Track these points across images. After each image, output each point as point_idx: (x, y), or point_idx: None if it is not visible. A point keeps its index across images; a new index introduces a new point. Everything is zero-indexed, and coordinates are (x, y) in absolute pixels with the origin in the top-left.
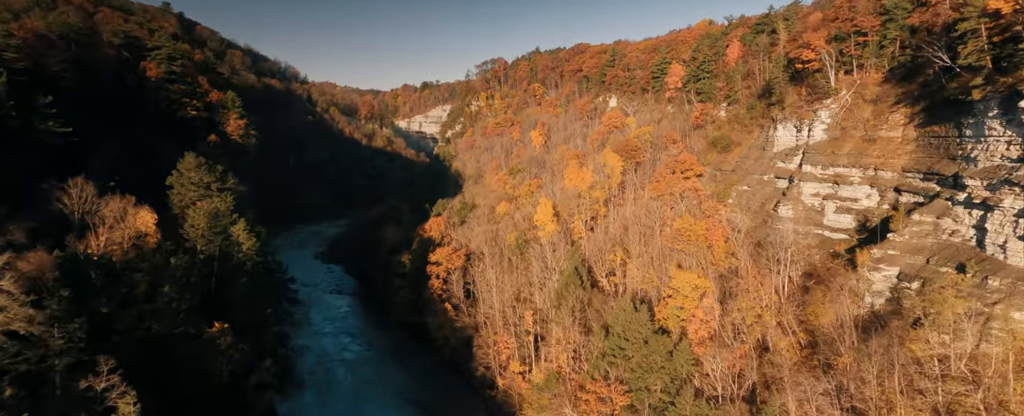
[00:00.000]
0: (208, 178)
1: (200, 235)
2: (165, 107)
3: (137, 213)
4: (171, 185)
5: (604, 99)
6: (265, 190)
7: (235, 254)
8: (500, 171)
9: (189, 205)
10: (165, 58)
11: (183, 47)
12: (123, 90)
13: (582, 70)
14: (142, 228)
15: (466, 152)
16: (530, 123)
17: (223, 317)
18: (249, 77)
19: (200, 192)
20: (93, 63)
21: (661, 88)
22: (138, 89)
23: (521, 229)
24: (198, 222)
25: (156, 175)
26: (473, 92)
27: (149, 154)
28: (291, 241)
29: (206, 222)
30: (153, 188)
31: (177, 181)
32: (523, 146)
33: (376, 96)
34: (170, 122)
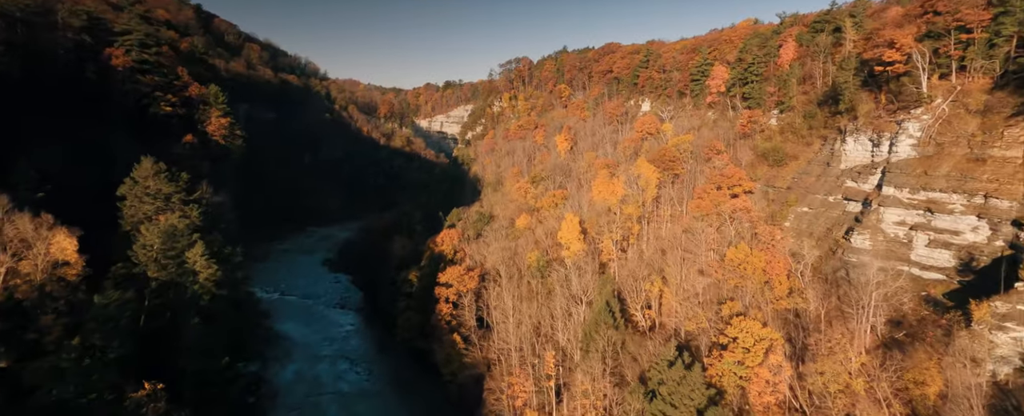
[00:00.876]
0: (168, 188)
1: (152, 259)
2: (135, 102)
3: (52, 236)
4: (124, 196)
5: (636, 103)
6: (277, 189)
7: (189, 285)
8: (521, 178)
9: (144, 220)
10: (135, 44)
11: (169, 33)
12: (81, 81)
13: (612, 71)
14: (59, 256)
15: (486, 155)
16: (555, 127)
17: (164, 370)
18: (265, 72)
19: (157, 205)
20: (43, 48)
21: (701, 92)
22: (101, 80)
23: (543, 247)
24: (151, 242)
25: (110, 183)
26: (496, 92)
27: (103, 158)
28: (300, 246)
29: (160, 243)
30: (104, 199)
31: (130, 191)
32: (547, 151)
33: (398, 95)
34: (139, 120)
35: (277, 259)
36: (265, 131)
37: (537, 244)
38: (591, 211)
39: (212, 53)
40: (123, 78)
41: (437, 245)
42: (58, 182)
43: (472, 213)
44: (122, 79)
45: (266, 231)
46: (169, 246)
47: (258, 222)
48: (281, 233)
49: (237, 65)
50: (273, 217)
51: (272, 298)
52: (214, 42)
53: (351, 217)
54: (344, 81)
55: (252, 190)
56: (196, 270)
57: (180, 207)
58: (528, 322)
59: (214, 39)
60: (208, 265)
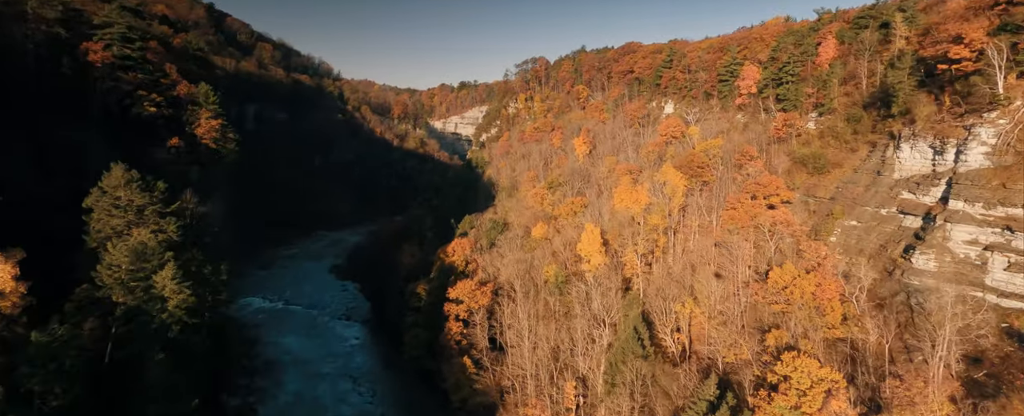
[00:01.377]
0: (141, 199)
1: (118, 281)
2: (116, 102)
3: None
4: (91, 208)
5: (659, 104)
6: (286, 192)
7: (155, 314)
8: (537, 183)
9: (112, 236)
10: (117, 38)
11: (161, 28)
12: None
13: (633, 71)
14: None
15: (501, 158)
16: (573, 129)
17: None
18: (277, 72)
19: (128, 219)
20: (10, 41)
21: (730, 93)
22: (77, 77)
23: (561, 260)
24: (118, 261)
25: (80, 192)
26: (511, 93)
27: (74, 164)
28: (308, 251)
29: (128, 262)
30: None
31: (98, 203)
32: (564, 155)
33: (412, 95)
34: (120, 122)
35: (284, 265)
36: (275, 132)
37: (555, 256)
38: (613, 221)
39: (223, 52)
40: (102, 75)
41: (447, 256)
42: (20, 191)
43: (486, 220)
44: (101, 76)
45: (274, 236)
46: (138, 266)
47: (266, 227)
48: (289, 238)
49: (248, 65)
50: (282, 221)
51: (275, 308)
52: (225, 41)
53: (362, 220)
54: (359, 82)
55: (260, 193)
56: (165, 296)
57: (155, 220)
58: (545, 345)
59: (225, 38)
60: (179, 290)
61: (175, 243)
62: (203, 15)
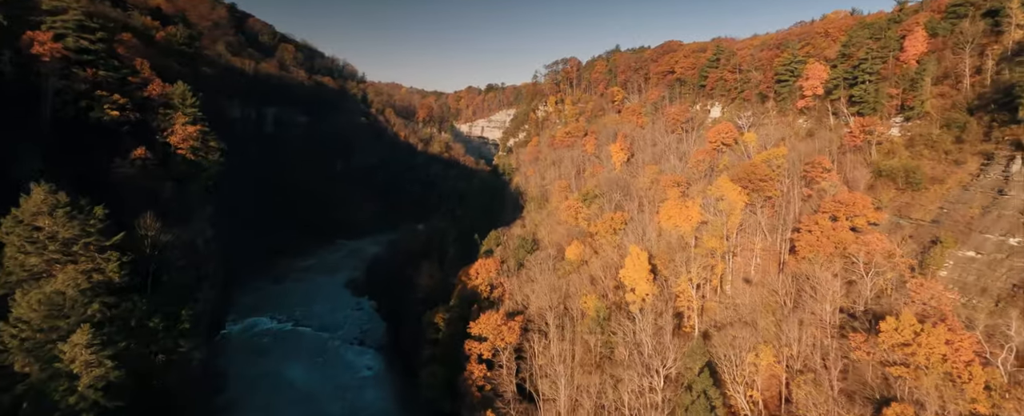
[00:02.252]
0: (69, 230)
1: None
2: (72, 103)
3: None
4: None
5: (703, 107)
6: (305, 199)
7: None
8: (570, 194)
9: (26, 281)
10: (72, 27)
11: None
12: None
13: (674, 72)
14: None
15: (529, 165)
16: (608, 134)
17: None
18: (298, 73)
19: (51, 256)
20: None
21: (790, 95)
22: (20, 74)
23: (601, 288)
24: (26, 316)
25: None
26: (540, 96)
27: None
28: (325, 262)
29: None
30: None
31: (9, 236)
32: (599, 163)
33: (438, 98)
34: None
35: (298, 278)
36: (295, 136)
37: (593, 283)
38: (660, 242)
39: (244, 53)
40: (50, 72)
41: (470, 279)
42: None
43: (513, 236)
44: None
45: (291, 245)
46: (50, 324)
47: (282, 236)
48: (307, 247)
49: (268, 66)
50: (299, 229)
51: (283, 329)
52: (246, 42)
53: (384, 228)
54: (385, 84)
55: (278, 199)
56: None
57: (89, 258)
58: (589, 402)
59: (247, 39)
60: (97, 361)
61: (116, 287)
62: (225, 15)
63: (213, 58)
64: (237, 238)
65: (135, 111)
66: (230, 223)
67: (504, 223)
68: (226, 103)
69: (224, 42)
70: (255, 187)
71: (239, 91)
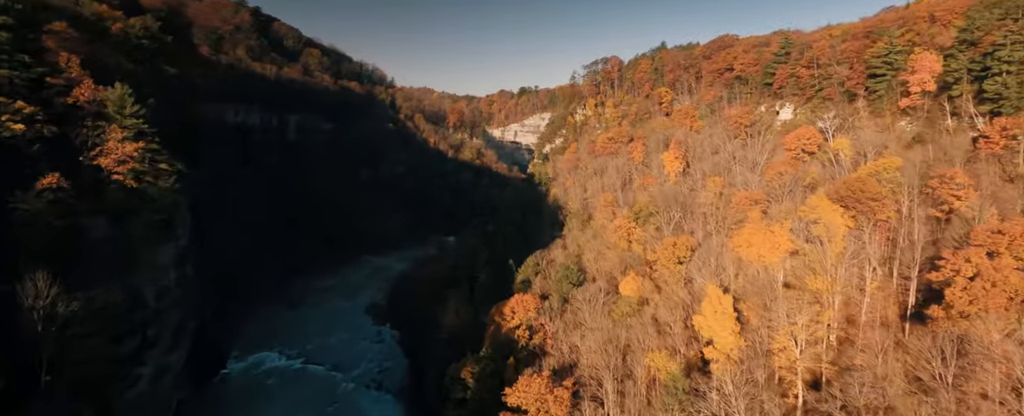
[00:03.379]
0: None
1: None
2: None
3: None
4: None
5: (770, 108)
6: (329, 211)
7: None
8: (618, 209)
9: None
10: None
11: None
12: None
13: (733, 69)
14: None
15: (568, 174)
16: (657, 140)
17: None
18: (323, 79)
19: None
20: None
21: (889, 92)
22: None
23: (671, 340)
24: None
25: None
26: (578, 98)
27: None
28: (346, 282)
29: None
30: None
31: None
32: (648, 172)
33: (470, 103)
34: None
35: (315, 303)
36: (319, 143)
37: (660, 333)
38: (740, 277)
39: (266, 58)
40: None
41: (504, 319)
42: None
43: (554, 263)
44: None
45: (311, 262)
46: None
47: (301, 253)
48: (328, 264)
49: (291, 71)
50: (321, 245)
51: (291, 368)
52: (269, 46)
53: (412, 242)
54: (416, 89)
55: (299, 212)
56: None
57: None
58: None
59: (270, 43)
60: None
61: None
62: (248, 19)
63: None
64: (252, 257)
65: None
66: (245, 241)
67: (542, 243)
68: (243, 110)
69: (245, 46)
70: (275, 199)
71: (259, 97)
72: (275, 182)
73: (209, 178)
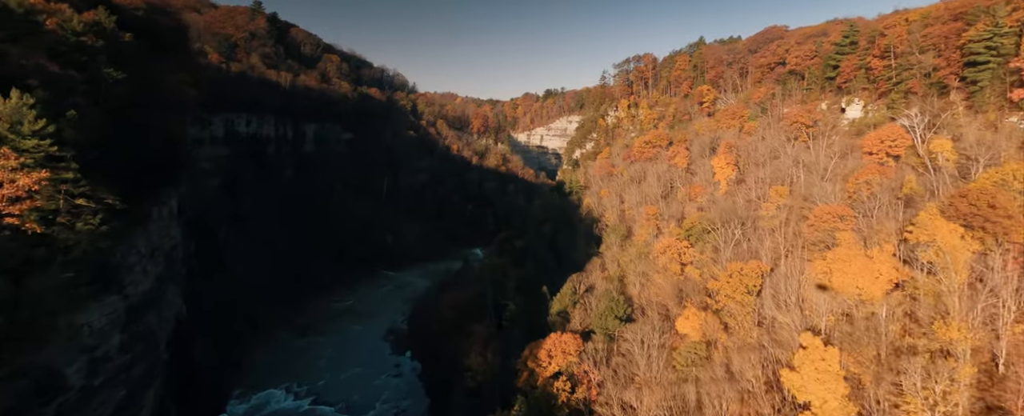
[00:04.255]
0: None
1: None
2: None
3: None
4: None
5: (833, 105)
6: (347, 225)
7: None
8: (663, 224)
9: None
10: None
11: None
12: None
13: (785, 62)
14: None
15: (602, 182)
16: (702, 144)
17: None
18: (341, 86)
19: None
20: None
21: (993, 83)
22: None
23: (751, 402)
24: None
25: None
26: (610, 100)
27: None
28: (365, 302)
29: None
30: None
31: None
32: (695, 180)
33: (494, 107)
34: None
35: (329, 328)
36: (337, 153)
37: (743, 397)
38: (834, 316)
39: (282, 66)
40: None
41: (540, 365)
42: None
43: (595, 290)
44: None
45: (327, 281)
46: None
47: (317, 270)
48: (346, 281)
49: (308, 79)
50: (338, 260)
51: (299, 410)
52: (285, 53)
53: (434, 255)
54: (440, 95)
55: (316, 227)
56: None
57: None
58: None
59: (287, 50)
60: None
61: None
62: (264, 25)
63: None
64: (263, 279)
65: None
66: (256, 261)
67: (576, 263)
68: (255, 120)
69: (260, 54)
70: (290, 214)
71: (273, 107)
72: (290, 195)
73: (216, 194)
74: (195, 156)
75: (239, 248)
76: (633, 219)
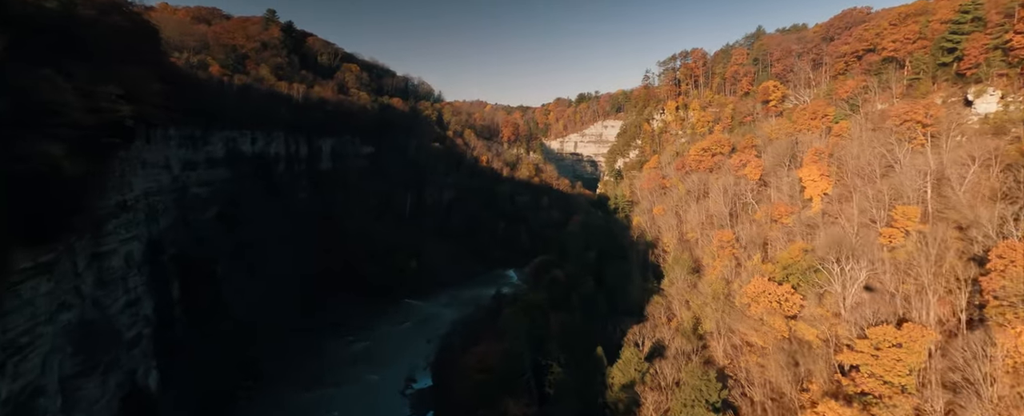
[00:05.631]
0: None
1: None
2: None
3: None
4: None
5: (950, 98)
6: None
7: None
8: (740, 252)
9: None
10: None
11: None
12: None
13: (875, 48)
14: None
15: (652, 197)
16: (779, 150)
17: None
18: (361, 96)
19: None
20: None
21: None
22: None
23: None
24: None
25: None
26: (655, 101)
27: None
28: (383, 343)
29: None
30: None
31: None
32: (774, 195)
33: (525, 113)
34: None
35: (341, 378)
36: (356, 169)
37: None
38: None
39: (295, 77)
40: None
41: None
42: None
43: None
44: None
45: (342, 316)
46: None
47: (332, 304)
48: (364, 315)
49: (323, 90)
50: (355, 293)
51: None
52: (300, 64)
53: (462, 278)
54: (468, 103)
55: (333, 253)
56: None
57: None
58: None
59: (301, 60)
60: None
61: None
62: (277, 34)
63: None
64: (270, 317)
65: None
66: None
67: (632, 304)
68: (262, 137)
69: (272, 65)
70: (302, 240)
71: (283, 121)
72: (302, 219)
73: (213, 224)
74: (185, 182)
75: (241, 285)
76: (699, 245)
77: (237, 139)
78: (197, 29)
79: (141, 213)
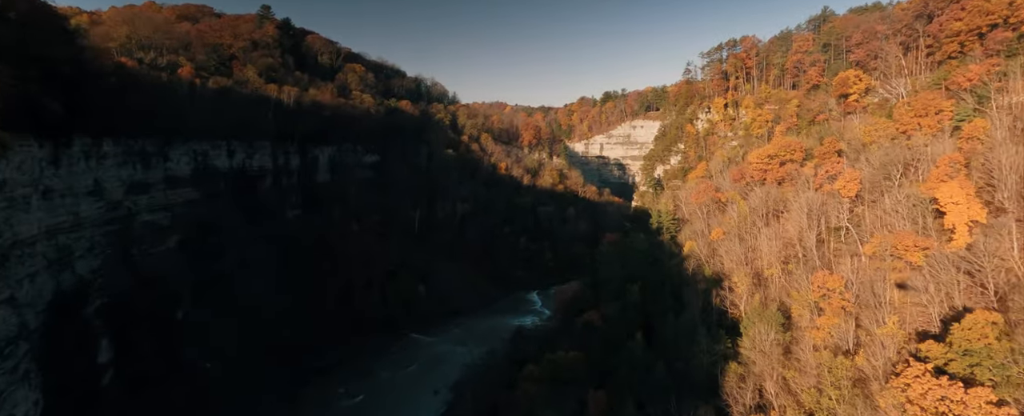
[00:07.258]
0: None
1: None
2: None
3: None
4: None
5: None
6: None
7: None
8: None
9: None
10: None
11: None
12: None
13: (999, 24)
14: None
15: (704, 214)
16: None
17: None
18: (363, 99)
19: None
20: None
21: None
22: None
23: None
24: None
25: None
26: (698, 98)
27: None
28: (380, 396)
29: None
30: None
31: None
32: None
33: (546, 114)
34: None
35: None
36: (358, 181)
37: None
38: None
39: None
40: None
41: None
42: None
43: None
44: None
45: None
46: None
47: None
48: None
49: (320, 93)
50: (352, 331)
51: None
52: (294, 64)
53: (480, 306)
54: (485, 105)
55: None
56: None
57: None
58: None
59: (298, 61)
60: None
61: None
62: (272, 32)
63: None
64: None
65: None
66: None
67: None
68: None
69: (262, 65)
70: (289, 269)
71: (269, 131)
72: (292, 242)
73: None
74: (130, 208)
75: (205, 330)
76: (777, 283)
77: (209, 152)
78: (178, 28)
79: (30, 261)
